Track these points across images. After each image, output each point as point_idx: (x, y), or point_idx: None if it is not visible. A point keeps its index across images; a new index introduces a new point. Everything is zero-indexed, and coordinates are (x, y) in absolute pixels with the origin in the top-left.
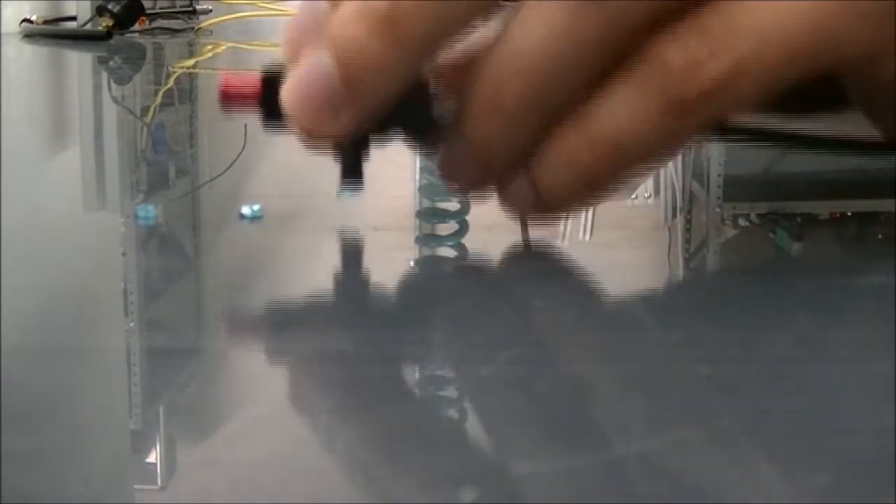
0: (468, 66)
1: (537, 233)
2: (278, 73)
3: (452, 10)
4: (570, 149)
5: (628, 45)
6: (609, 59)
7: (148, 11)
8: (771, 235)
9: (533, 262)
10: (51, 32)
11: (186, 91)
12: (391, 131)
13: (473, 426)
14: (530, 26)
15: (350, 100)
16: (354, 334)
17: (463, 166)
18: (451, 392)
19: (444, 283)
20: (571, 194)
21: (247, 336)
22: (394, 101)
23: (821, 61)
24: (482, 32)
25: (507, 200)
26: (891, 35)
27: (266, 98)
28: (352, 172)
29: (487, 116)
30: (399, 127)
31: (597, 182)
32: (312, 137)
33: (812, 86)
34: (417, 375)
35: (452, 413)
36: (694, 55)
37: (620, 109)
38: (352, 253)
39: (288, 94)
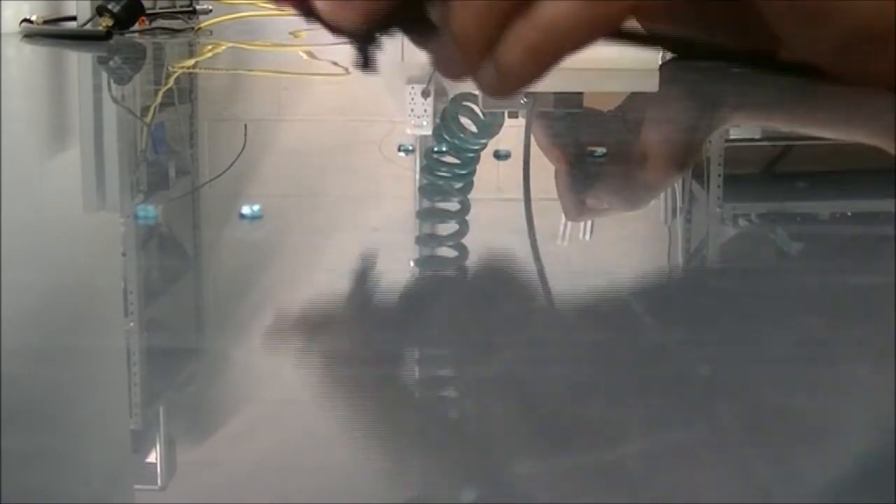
0: None
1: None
2: None
3: None
4: (520, 33)
5: None
6: None
7: (148, 11)
8: (771, 236)
9: None
10: (51, 32)
11: (186, 91)
12: (393, 27)
13: None
14: None
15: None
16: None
17: (449, 56)
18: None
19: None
20: (522, 66)
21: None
22: (395, 2)
23: None
24: None
25: (479, 84)
26: None
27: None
28: (366, 62)
29: (463, 10)
30: (399, 24)
31: (539, 55)
32: (332, 26)
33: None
34: None
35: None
36: None
37: (555, 1)
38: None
39: None
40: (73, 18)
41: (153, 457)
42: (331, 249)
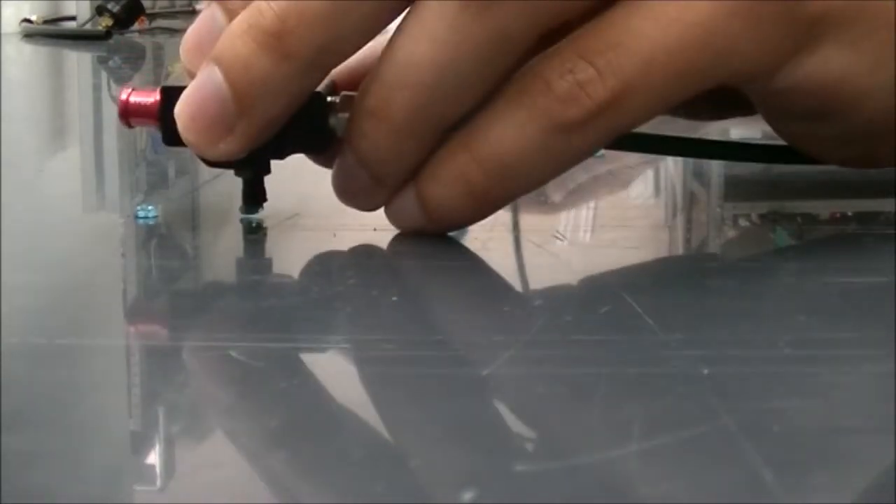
0: (363, 76)
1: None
2: (181, 87)
3: (344, 23)
4: (461, 167)
5: (518, 64)
6: (499, 77)
7: (148, 11)
8: (771, 235)
9: None
10: (51, 32)
11: None
12: (288, 148)
13: None
14: (415, 36)
15: (242, 119)
16: None
17: (353, 182)
18: None
19: None
20: (462, 212)
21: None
22: (289, 116)
23: (710, 77)
24: (381, 39)
25: (393, 215)
26: (779, 44)
27: (165, 114)
28: (252, 197)
29: (377, 128)
30: (296, 143)
31: (488, 201)
32: (206, 158)
33: (718, 91)
34: None
35: None
36: (578, 77)
37: (508, 131)
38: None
39: (180, 110)
40: (73, 18)
41: (153, 457)
42: (330, 249)
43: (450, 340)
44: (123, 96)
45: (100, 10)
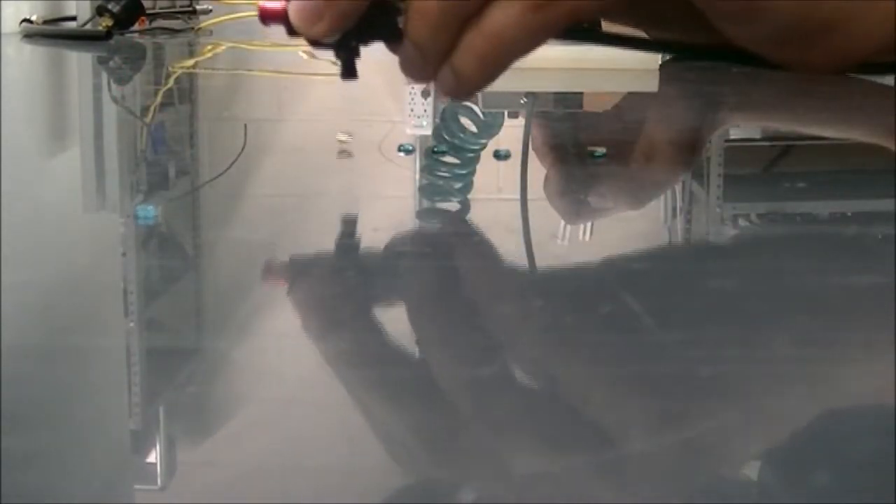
0: None
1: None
2: None
3: None
4: (471, 41)
5: None
6: None
7: (148, 11)
8: (771, 235)
9: None
10: (51, 32)
11: (186, 91)
12: (369, 38)
13: None
14: None
15: (328, 11)
16: None
17: (411, 62)
18: None
19: None
20: (475, 72)
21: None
22: (366, 13)
23: None
24: None
25: (438, 86)
26: None
27: (287, 15)
28: (348, 71)
29: (418, 21)
30: (375, 35)
31: (490, 62)
32: (307, 38)
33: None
34: None
35: None
36: None
37: (500, 11)
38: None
39: (291, 8)
40: (73, 18)
41: (153, 457)
42: (331, 249)
43: (450, 340)
44: (259, 8)
45: (100, 11)
